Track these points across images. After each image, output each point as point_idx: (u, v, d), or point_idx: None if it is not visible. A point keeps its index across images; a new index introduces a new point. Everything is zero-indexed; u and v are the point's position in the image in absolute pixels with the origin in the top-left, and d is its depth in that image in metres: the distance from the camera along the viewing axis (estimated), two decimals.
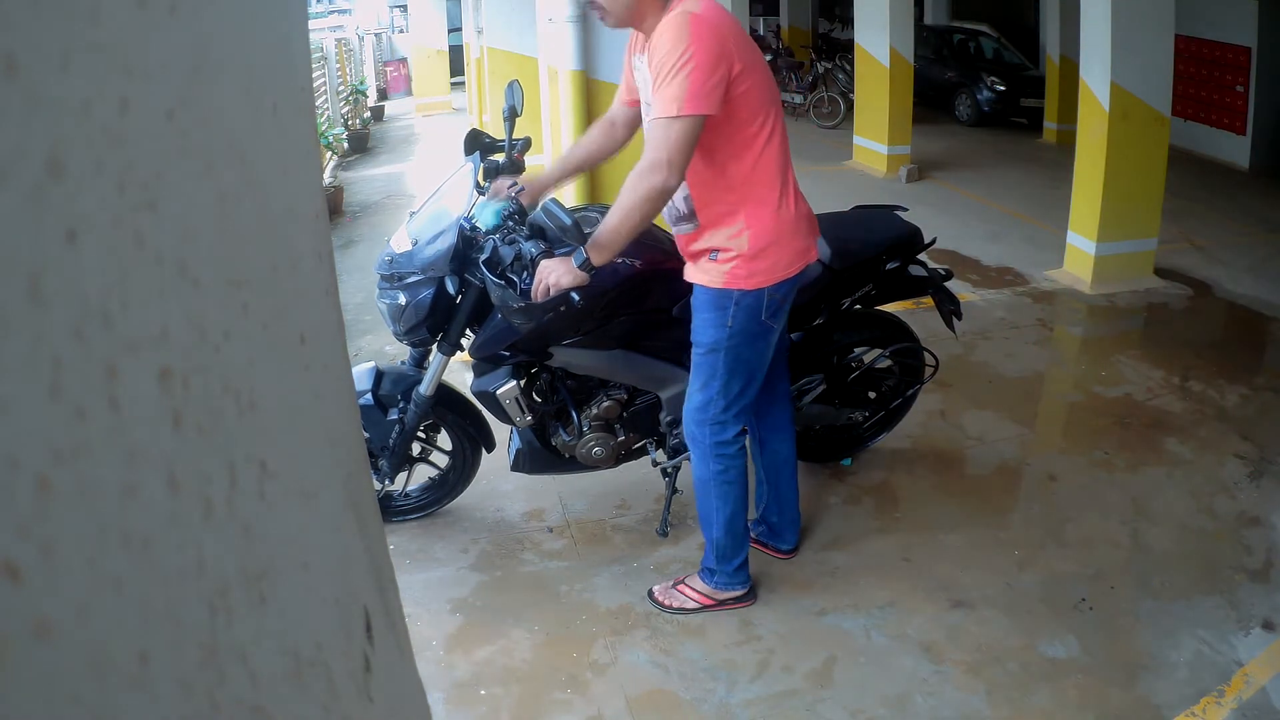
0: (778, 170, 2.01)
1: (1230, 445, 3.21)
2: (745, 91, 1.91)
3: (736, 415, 2.19)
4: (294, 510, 0.36)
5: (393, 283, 2.37)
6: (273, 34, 0.39)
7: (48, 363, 0.22)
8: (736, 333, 2.09)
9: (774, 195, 2.01)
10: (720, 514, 2.26)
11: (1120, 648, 2.27)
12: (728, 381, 2.14)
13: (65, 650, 0.22)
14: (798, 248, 2.08)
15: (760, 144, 1.97)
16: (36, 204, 0.22)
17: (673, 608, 2.37)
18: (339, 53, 10.63)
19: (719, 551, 2.31)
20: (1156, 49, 4.68)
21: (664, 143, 1.86)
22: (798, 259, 2.08)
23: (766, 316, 2.09)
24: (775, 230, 2.02)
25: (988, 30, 11.46)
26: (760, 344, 2.13)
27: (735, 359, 2.12)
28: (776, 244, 2.03)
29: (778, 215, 2.02)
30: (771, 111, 1.98)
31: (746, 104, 1.93)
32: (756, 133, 1.96)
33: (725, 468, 2.22)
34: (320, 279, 0.44)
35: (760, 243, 2.02)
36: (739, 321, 2.08)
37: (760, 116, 1.96)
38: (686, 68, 1.82)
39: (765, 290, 2.06)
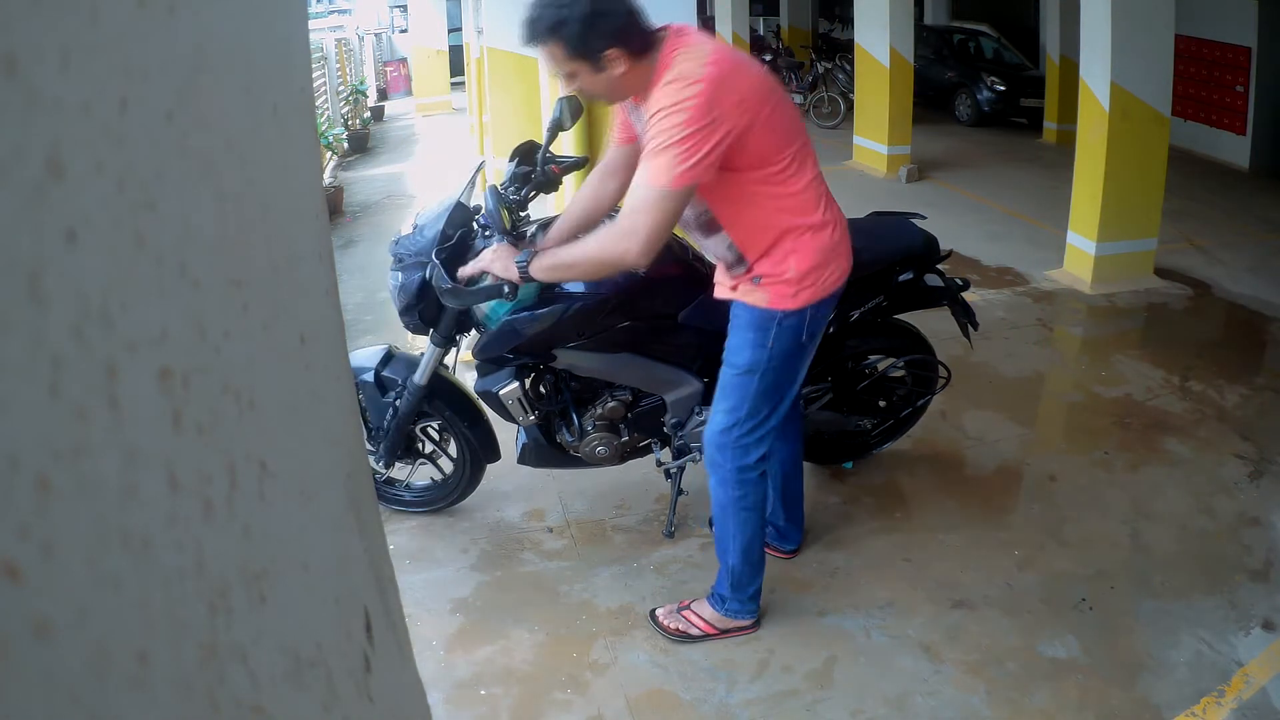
0: (814, 197, 1.97)
1: (1230, 445, 3.21)
2: (764, 135, 1.85)
3: (761, 439, 2.12)
4: (294, 510, 0.36)
5: (397, 264, 2.43)
6: (273, 34, 0.39)
7: (48, 363, 0.22)
8: (777, 354, 2.04)
9: (815, 220, 1.98)
10: (737, 541, 2.20)
11: (1120, 648, 2.26)
12: (758, 405, 2.08)
13: (65, 650, 0.22)
14: (841, 266, 2.06)
15: (792, 176, 1.92)
16: (36, 204, 0.22)
17: (676, 632, 2.31)
18: (339, 53, 10.63)
19: (734, 579, 2.25)
20: (1156, 49, 4.68)
21: (646, 214, 1.77)
22: (841, 276, 2.07)
23: (806, 337, 2.06)
24: (819, 253, 1.99)
25: (988, 30, 11.46)
26: (797, 365, 2.10)
27: (772, 382, 2.07)
28: (821, 265, 2.00)
29: (819, 238, 1.99)
30: (795, 142, 1.93)
31: (769, 145, 1.87)
32: (786, 167, 1.91)
33: (744, 493, 2.15)
34: (320, 279, 0.44)
35: (805, 266, 1.98)
36: (781, 343, 2.03)
37: (786, 151, 1.90)
38: (687, 134, 1.73)
39: (809, 309, 2.02)
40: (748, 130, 1.81)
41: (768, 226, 1.97)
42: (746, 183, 1.90)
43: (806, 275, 1.99)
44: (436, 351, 2.49)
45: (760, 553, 2.27)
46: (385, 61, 16.03)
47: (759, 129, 1.82)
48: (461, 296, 2.20)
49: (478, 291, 2.15)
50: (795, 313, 2.01)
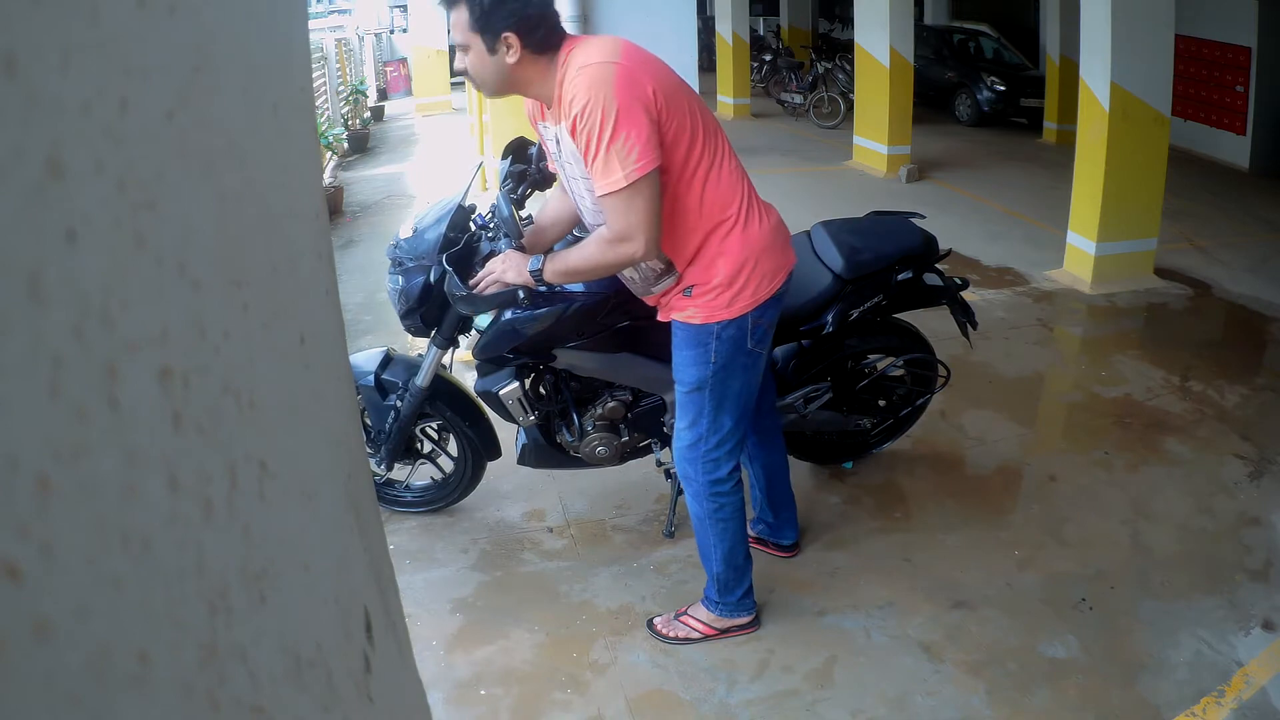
0: (731, 189, 1.89)
1: (1230, 445, 3.21)
2: (679, 130, 1.78)
3: (730, 451, 2.08)
4: (294, 510, 0.36)
5: (397, 267, 2.42)
6: (273, 34, 0.39)
7: (48, 363, 0.22)
8: (721, 367, 1.98)
9: (737, 215, 1.89)
10: (718, 550, 2.19)
11: (1120, 648, 2.26)
12: (716, 418, 2.03)
13: (65, 650, 0.22)
14: (775, 263, 1.96)
15: (704, 170, 1.84)
16: (36, 204, 0.22)
17: (676, 638, 2.31)
18: (339, 53, 10.63)
19: (721, 585, 2.25)
20: (1156, 49, 4.68)
21: (626, 216, 1.75)
22: (777, 274, 1.97)
23: (753, 344, 1.98)
24: (746, 249, 1.90)
25: (988, 30, 11.47)
26: (748, 374, 2.03)
27: (722, 394, 2.01)
28: (752, 264, 1.91)
29: (745, 234, 1.90)
30: (700, 133, 1.83)
31: (685, 139, 1.80)
32: (697, 163, 1.83)
33: (719, 505, 2.13)
34: (320, 279, 0.44)
35: (734, 266, 1.90)
36: (723, 355, 1.96)
37: (691, 145, 1.81)
38: (620, 132, 1.68)
39: (749, 316, 1.94)
40: (667, 113, 1.75)
41: (691, 228, 1.89)
42: (665, 184, 1.82)
43: (736, 278, 1.91)
44: (438, 353, 2.48)
45: (744, 555, 2.26)
46: (385, 61, 16.02)
47: (675, 121, 1.76)
48: (476, 303, 2.19)
49: (492, 298, 2.15)
50: (733, 322, 1.94)
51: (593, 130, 1.69)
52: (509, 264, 2.06)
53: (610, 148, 1.69)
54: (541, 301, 2.25)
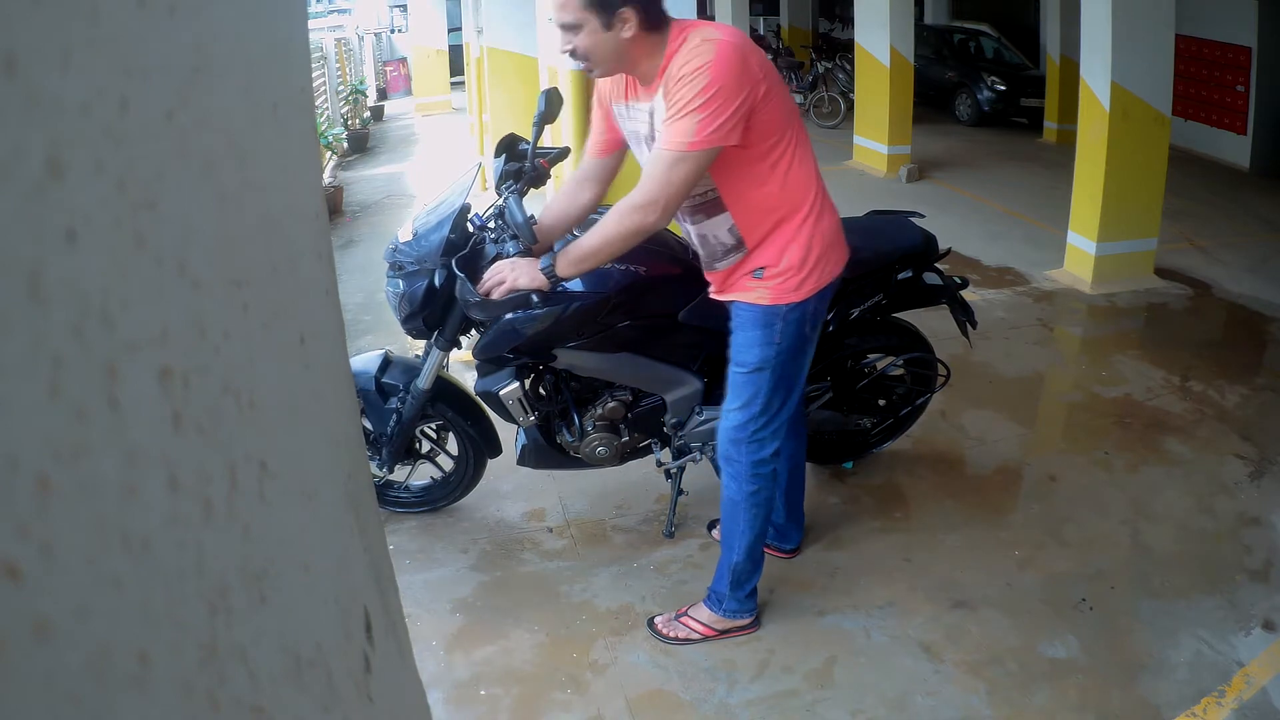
0: (810, 181, 1.98)
1: (1230, 445, 3.21)
2: (770, 112, 1.86)
3: (775, 432, 2.14)
4: (294, 510, 0.36)
5: (396, 271, 2.41)
6: (273, 34, 0.39)
7: (48, 363, 0.22)
8: (785, 349, 2.04)
9: (812, 205, 1.98)
10: (745, 537, 2.21)
11: (1120, 648, 2.26)
12: (770, 400, 2.09)
13: (65, 650, 0.22)
14: (839, 256, 2.07)
15: (789, 159, 1.93)
16: (36, 204, 0.22)
17: (676, 639, 2.30)
18: (339, 53, 10.63)
19: (735, 576, 2.25)
20: (1157, 48, 4.68)
21: (662, 181, 1.81)
22: (838, 266, 2.07)
23: (810, 329, 2.07)
24: (817, 239, 1.99)
25: (988, 30, 11.47)
26: (804, 357, 2.11)
27: (782, 375, 2.07)
28: (821, 252, 2.00)
29: (818, 224, 1.99)
30: (793, 125, 1.94)
31: (772, 124, 1.88)
32: (784, 150, 1.92)
33: (758, 488, 2.16)
34: (320, 279, 0.44)
35: (805, 253, 1.98)
36: (788, 337, 2.03)
37: (784, 133, 1.91)
38: (714, 103, 1.76)
39: (811, 300, 2.02)
40: (761, 102, 1.82)
41: (770, 210, 1.96)
42: (752, 160, 1.90)
43: (805, 263, 1.99)
44: (441, 355, 2.48)
45: (761, 551, 2.28)
46: (385, 61, 16.03)
47: (767, 105, 1.84)
48: (489, 308, 2.18)
49: (506, 302, 2.14)
50: (798, 305, 2.01)
51: (693, 91, 1.76)
52: (519, 270, 2.07)
53: (697, 112, 1.76)
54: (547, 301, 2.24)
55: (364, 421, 2.64)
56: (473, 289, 2.16)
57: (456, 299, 2.36)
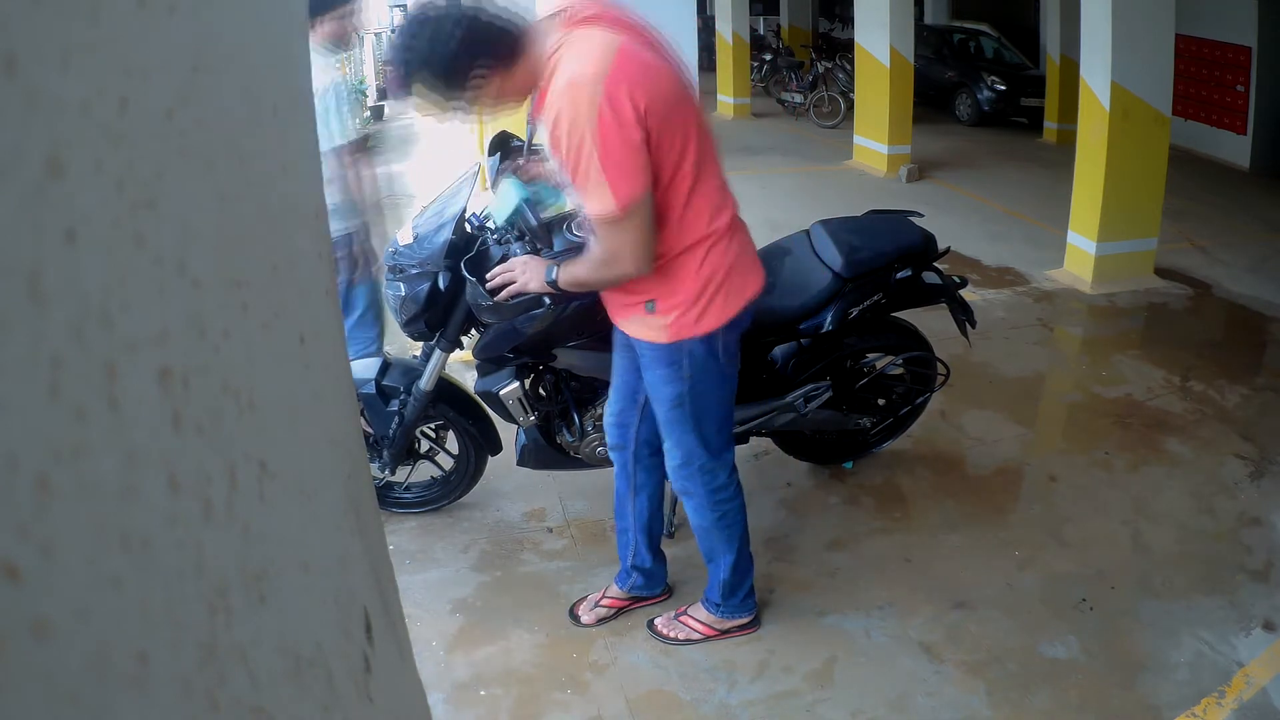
0: (713, 207, 1.81)
1: (1230, 445, 3.21)
2: (662, 144, 1.67)
3: (724, 459, 2.08)
4: (294, 510, 0.36)
5: (396, 274, 2.40)
6: (273, 34, 0.39)
7: (48, 363, 0.22)
8: (697, 384, 1.93)
9: (712, 232, 1.81)
10: (727, 557, 2.19)
11: (1120, 648, 2.26)
12: (700, 432, 2.00)
13: (65, 650, 0.22)
14: (746, 281, 1.91)
15: (687, 188, 1.75)
16: (36, 204, 0.22)
17: (677, 639, 2.29)
18: None
19: (725, 589, 2.25)
20: (1157, 48, 4.68)
21: (619, 240, 1.69)
22: (747, 291, 1.91)
23: (724, 360, 1.93)
24: (720, 268, 1.84)
25: (988, 30, 11.47)
26: (724, 387, 1.99)
27: (703, 408, 1.97)
28: (722, 282, 1.85)
29: (716, 252, 1.83)
30: (692, 151, 1.73)
31: (672, 156, 1.70)
32: (682, 179, 1.74)
33: (723, 514, 2.12)
34: (320, 279, 0.44)
35: (702, 285, 1.83)
36: (697, 371, 1.91)
37: (680, 162, 1.72)
38: (607, 162, 1.59)
39: (718, 333, 1.88)
40: (655, 137, 1.65)
41: (664, 242, 1.79)
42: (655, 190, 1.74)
43: (703, 295, 1.83)
44: (443, 357, 2.47)
45: (748, 558, 2.25)
46: (385, 61, 16.02)
47: (666, 138, 1.67)
48: (502, 312, 2.17)
49: (518, 305, 2.13)
50: (702, 340, 1.88)
51: (578, 156, 1.60)
52: (530, 273, 1.98)
53: (596, 175, 1.60)
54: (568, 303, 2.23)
55: (364, 425, 2.64)
56: (484, 292, 2.14)
57: (460, 302, 2.36)
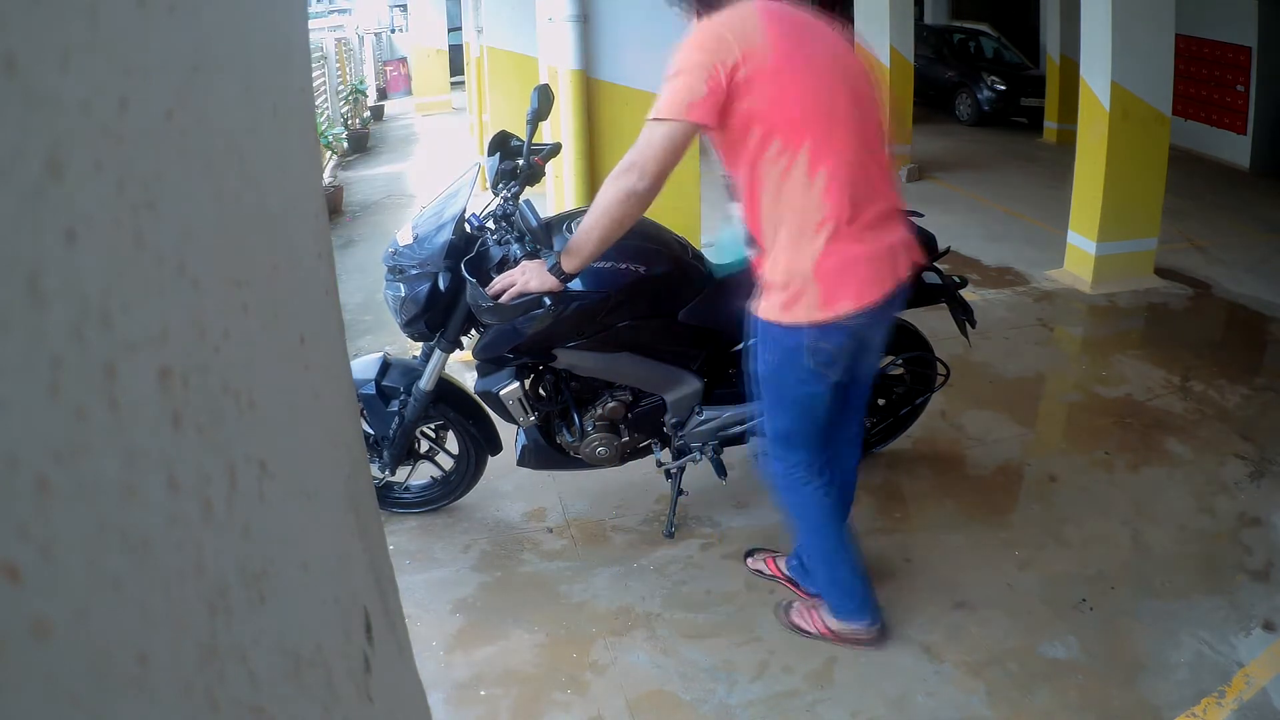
0: (812, 200, 1.77)
1: (1230, 445, 3.21)
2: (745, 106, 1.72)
3: (794, 451, 2.04)
4: (294, 510, 0.36)
5: (396, 275, 2.40)
6: (273, 34, 0.39)
7: (48, 363, 0.22)
8: (773, 370, 1.93)
9: (806, 227, 1.78)
10: (813, 549, 2.19)
11: (1120, 648, 2.26)
12: (773, 416, 2.02)
13: (65, 650, 0.22)
14: (838, 292, 1.81)
15: (785, 169, 1.76)
16: (36, 204, 0.22)
17: (798, 627, 2.29)
18: (339, 52, 10.63)
19: (822, 584, 2.25)
20: (1157, 48, 4.68)
21: (642, 145, 1.75)
22: (835, 303, 1.81)
23: (814, 363, 1.87)
24: (804, 265, 1.80)
25: (988, 30, 11.47)
26: (807, 388, 1.93)
27: (778, 395, 1.97)
28: (808, 281, 1.80)
29: (809, 250, 1.79)
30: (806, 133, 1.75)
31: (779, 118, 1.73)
32: (776, 153, 1.75)
33: (791, 503, 2.12)
34: (320, 279, 0.44)
35: (788, 276, 1.81)
36: (777, 357, 1.91)
37: (769, 136, 1.75)
38: (680, 76, 1.71)
39: (805, 330, 1.83)
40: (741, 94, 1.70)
41: (764, 216, 1.83)
42: (748, 153, 1.78)
43: (789, 286, 1.82)
44: (443, 357, 2.47)
45: (837, 563, 2.17)
46: (385, 61, 16.03)
47: (755, 101, 1.71)
48: (503, 313, 2.17)
49: (519, 305, 2.14)
50: (788, 330, 1.85)
51: (670, 64, 1.74)
52: (529, 273, 2.00)
53: (665, 85, 1.74)
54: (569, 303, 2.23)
55: (364, 425, 2.64)
56: (484, 293, 2.15)
57: (460, 302, 2.36)
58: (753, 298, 1.95)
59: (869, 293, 1.83)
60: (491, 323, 2.26)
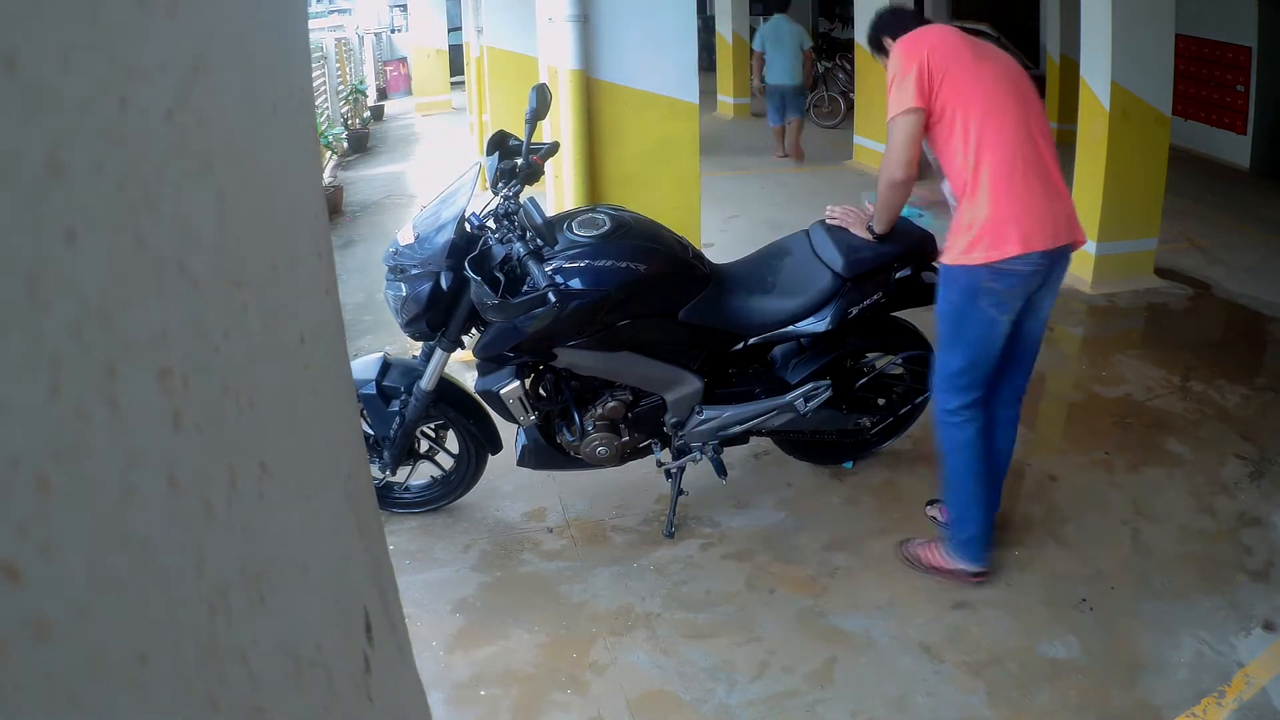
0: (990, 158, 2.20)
1: (1230, 445, 3.21)
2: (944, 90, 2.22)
3: (959, 389, 2.32)
4: (294, 510, 0.36)
5: (397, 274, 2.40)
6: (273, 34, 0.39)
7: (48, 363, 0.22)
8: (956, 305, 2.26)
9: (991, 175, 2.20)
10: (951, 484, 2.40)
11: (1120, 648, 2.26)
12: (949, 355, 2.31)
13: (65, 650, 0.22)
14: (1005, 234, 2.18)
15: (967, 137, 2.21)
16: (36, 204, 0.22)
17: (912, 562, 2.49)
18: (339, 52, 10.63)
19: (952, 517, 2.44)
20: (1157, 48, 4.67)
21: (890, 144, 2.30)
22: (1003, 245, 2.18)
23: (987, 303, 2.23)
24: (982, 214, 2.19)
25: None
26: (979, 330, 2.26)
27: (955, 332, 2.29)
28: (985, 225, 2.18)
29: (982, 198, 2.20)
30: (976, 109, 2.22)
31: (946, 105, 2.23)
32: (961, 128, 2.22)
33: (947, 435, 2.37)
34: (320, 279, 0.44)
35: (969, 225, 2.21)
36: (957, 296, 2.26)
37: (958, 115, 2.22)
38: (895, 80, 2.26)
39: (981, 271, 2.20)
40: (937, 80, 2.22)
41: (952, 172, 2.29)
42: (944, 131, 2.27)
43: (974, 230, 2.20)
44: (444, 356, 2.47)
45: (973, 497, 2.39)
46: (385, 61, 16.04)
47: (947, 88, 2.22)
48: (507, 310, 2.17)
49: (521, 304, 2.13)
50: (963, 270, 2.23)
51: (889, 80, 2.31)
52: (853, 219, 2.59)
53: (889, 94, 2.30)
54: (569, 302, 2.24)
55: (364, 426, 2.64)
56: (490, 292, 2.15)
57: (462, 301, 2.36)
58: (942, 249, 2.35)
59: (1034, 242, 2.20)
60: (496, 320, 2.27)
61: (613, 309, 2.32)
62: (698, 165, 3.48)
